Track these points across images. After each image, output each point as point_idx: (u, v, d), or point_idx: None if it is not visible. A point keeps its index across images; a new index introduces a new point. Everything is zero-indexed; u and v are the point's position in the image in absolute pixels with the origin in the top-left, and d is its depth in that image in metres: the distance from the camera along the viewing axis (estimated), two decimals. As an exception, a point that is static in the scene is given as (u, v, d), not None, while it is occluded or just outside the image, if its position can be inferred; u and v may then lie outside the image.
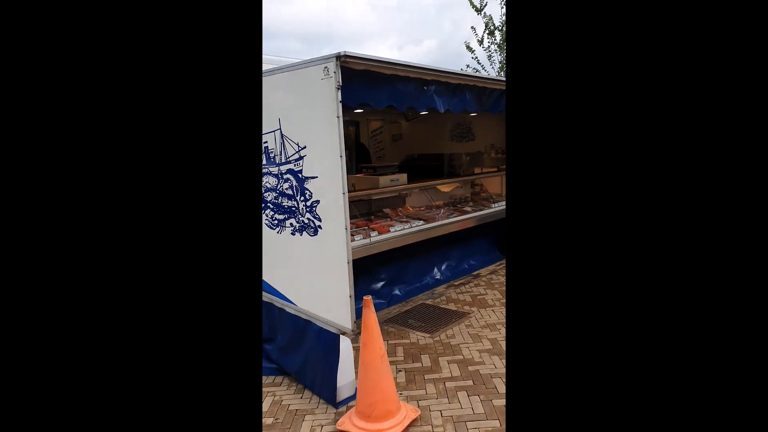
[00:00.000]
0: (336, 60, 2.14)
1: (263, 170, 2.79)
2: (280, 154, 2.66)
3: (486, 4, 8.18)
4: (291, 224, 2.71)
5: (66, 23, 0.87)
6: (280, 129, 2.64)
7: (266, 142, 2.74)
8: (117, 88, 0.90)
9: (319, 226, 2.51)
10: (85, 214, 0.88)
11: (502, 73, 8.56)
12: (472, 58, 8.72)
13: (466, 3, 8.26)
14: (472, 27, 8.94)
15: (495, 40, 8.37)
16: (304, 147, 2.48)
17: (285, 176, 2.66)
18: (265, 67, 2.53)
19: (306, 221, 2.59)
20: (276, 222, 2.84)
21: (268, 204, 2.86)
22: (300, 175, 2.54)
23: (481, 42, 8.47)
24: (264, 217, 2.91)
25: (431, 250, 4.78)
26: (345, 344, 2.60)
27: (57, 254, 0.87)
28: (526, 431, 0.95)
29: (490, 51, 8.45)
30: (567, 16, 0.93)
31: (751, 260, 0.82)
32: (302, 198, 2.57)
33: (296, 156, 2.54)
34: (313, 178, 2.47)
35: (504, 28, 8.24)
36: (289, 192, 2.66)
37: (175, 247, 0.93)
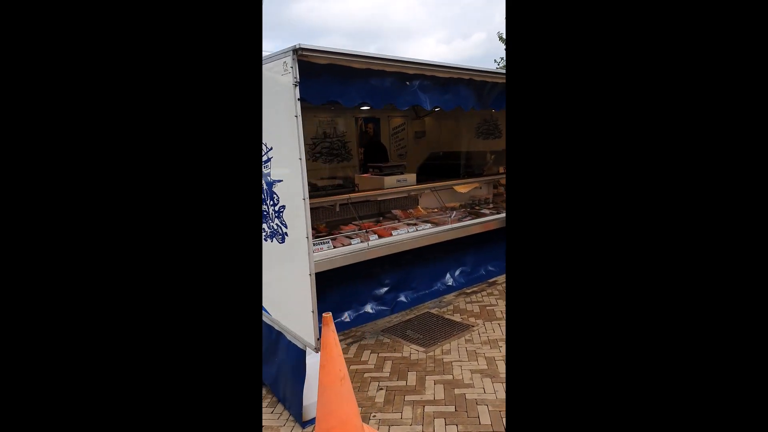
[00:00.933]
0: (293, 54, 1.95)
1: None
2: (254, 156, 2.52)
3: None
4: (264, 228, 2.57)
5: (65, 23, 0.86)
6: (252, 129, 2.50)
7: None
8: (115, 83, 0.89)
9: (286, 233, 2.34)
10: (82, 217, 0.88)
11: None
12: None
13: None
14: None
15: None
16: (271, 149, 2.32)
17: (258, 179, 2.53)
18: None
19: (275, 227, 2.43)
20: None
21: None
22: (269, 178, 2.39)
23: None
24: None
25: (444, 254, 4.51)
26: (314, 360, 2.43)
27: (54, 262, 0.86)
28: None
29: None
30: (568, 15, 0.92)
31: (751, 261, 0.82)
32: (271, 202, 2.41)
33: (265, 158, 2.39)
34: (279, 181, 2.31)
35: None
36: (263, 195, 2.52)
37: (175, 247, 0.92)
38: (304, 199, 2.10)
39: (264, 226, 2.55)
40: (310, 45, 1.95)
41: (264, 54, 2.31)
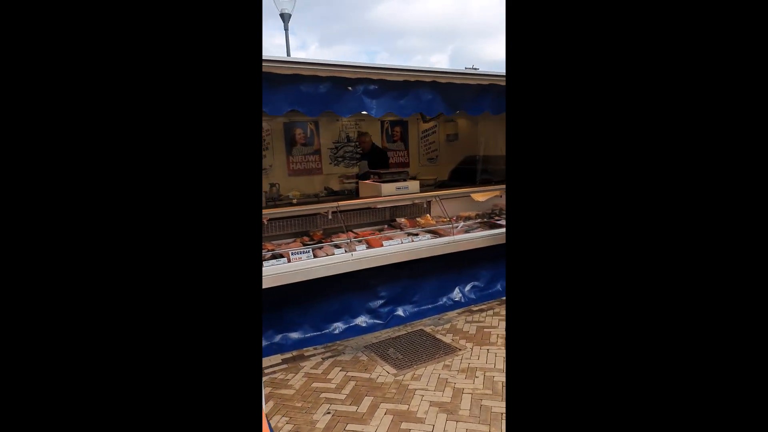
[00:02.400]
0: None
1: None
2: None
3: None
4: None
5: (64, 23, 0.85)
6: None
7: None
8: (112, 81, 0.88)
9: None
10: (79, 217, 0.88)
11: None
12: None
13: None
14: None
15: None
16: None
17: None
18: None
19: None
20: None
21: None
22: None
23: None
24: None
25: (453, 267, 4.21)
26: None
27: (54, 263, 0.86)
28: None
29: None
30: (568, 15, 0.90)
31: (753, 263, 0.82)
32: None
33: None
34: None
35: None
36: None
37: (175, 248, 0.92)
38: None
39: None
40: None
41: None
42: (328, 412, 2.53)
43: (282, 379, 2.94)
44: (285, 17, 6.15)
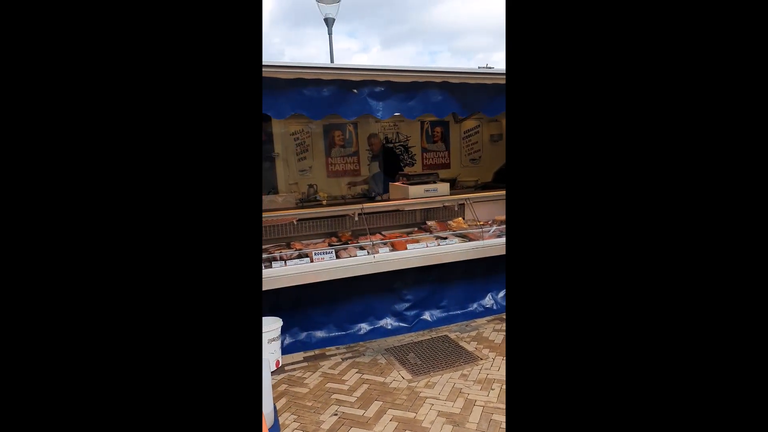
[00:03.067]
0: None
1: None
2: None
3: None
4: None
5: (63, 23, 0.86)
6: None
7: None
8: (112, 82, 0.89)
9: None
10: (82, 217, 0.88)
11: None
12: None
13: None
14: None
15: None
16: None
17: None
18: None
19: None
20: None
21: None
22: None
23: None
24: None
25: (485, 273, 4.07)
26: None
27: (54, 263, 0.87)
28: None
29: None
30: (569, 15, 0.90)
31: (752, 264, 0.81)
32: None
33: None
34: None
35: None
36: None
37: (175, 248, 0.93)
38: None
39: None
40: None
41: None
42: (335, 414, 2.55)
43: (299, 377, 3.00)
44: (329, 22, 6.27)
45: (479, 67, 2.41)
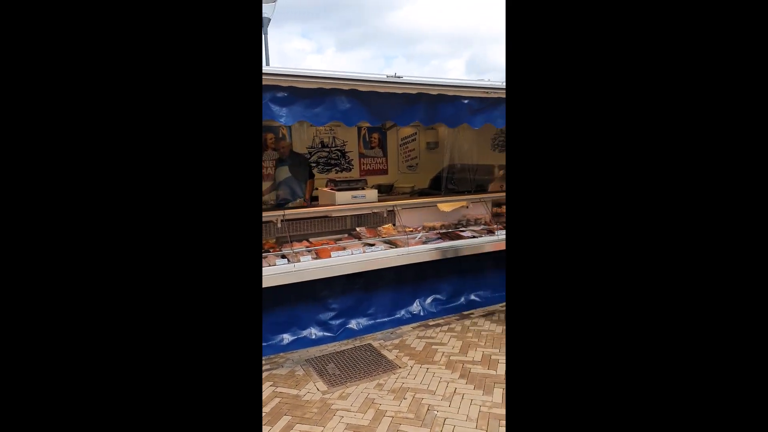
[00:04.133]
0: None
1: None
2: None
3: None
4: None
5: (63, 24, 0.86)
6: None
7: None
8: (112, 84, 0.89)
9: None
10: (84, 217, 0.89)
11: None
12: None
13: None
14: None
15: None
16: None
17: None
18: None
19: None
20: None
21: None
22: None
23: None
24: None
25: (413, 279, 4.08)
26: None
27: (55, 264, 0.87)
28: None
29: None
30: (569, 17, 0.90)
31: (751, 261, 0.81)
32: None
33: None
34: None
35: None
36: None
37: (176, 248, 0.93)
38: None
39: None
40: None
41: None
42: None
43: (209, 393, 2.85)
44: (264, 22, 6.12)
45: (387, 76, 2.40)
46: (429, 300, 4.20)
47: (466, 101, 2.78)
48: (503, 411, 2.51)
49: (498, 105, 2.96)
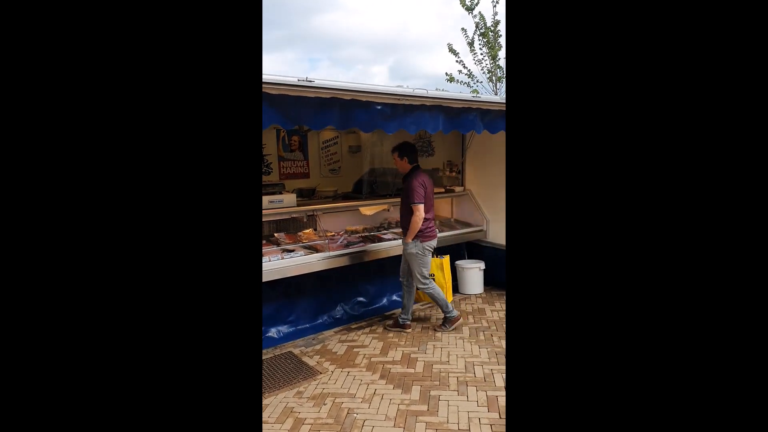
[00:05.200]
0: None
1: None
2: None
3: (477, 3, 7.30)
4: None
5: (62, 25, 0.86)
6: None
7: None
8: (113, 85, 0.90)
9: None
10: (86, 216, 0.89)
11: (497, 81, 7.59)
12: (456, 61, 7.90)
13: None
14: (462, 28, 7.96)
15: (486, 41, 7.45)
16: None
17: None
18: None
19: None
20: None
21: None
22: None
23: (471, 44, 7.61)
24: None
25: (335, 283, 4.07)
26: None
27: (56, 265, 0.86)
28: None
29: (480, 54, 7.57)
30: (569, 17, 0.91)
31: (751, 261, 0.82)
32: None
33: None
34: None
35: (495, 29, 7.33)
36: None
37: (176, 248, 0.93)
38: None
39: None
40: None
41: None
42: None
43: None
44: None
45: (299, 80, 2.38)
46: (351, 303, 4.22)
47: (379, 107, 2.83)
48: (421, 407, 2.59)
49: (411, 112, 3.06)
